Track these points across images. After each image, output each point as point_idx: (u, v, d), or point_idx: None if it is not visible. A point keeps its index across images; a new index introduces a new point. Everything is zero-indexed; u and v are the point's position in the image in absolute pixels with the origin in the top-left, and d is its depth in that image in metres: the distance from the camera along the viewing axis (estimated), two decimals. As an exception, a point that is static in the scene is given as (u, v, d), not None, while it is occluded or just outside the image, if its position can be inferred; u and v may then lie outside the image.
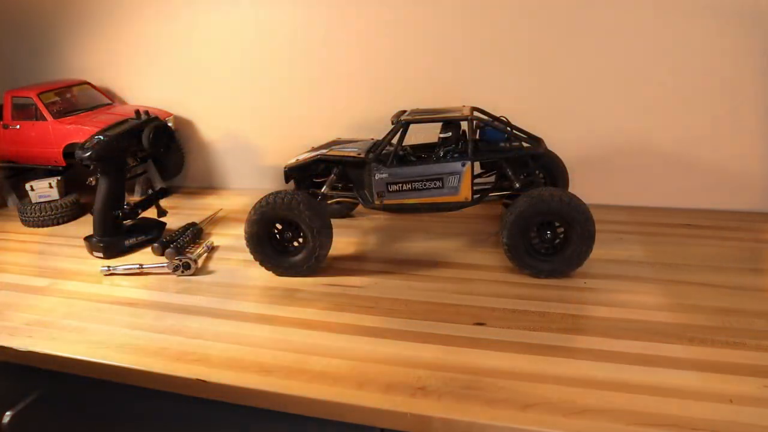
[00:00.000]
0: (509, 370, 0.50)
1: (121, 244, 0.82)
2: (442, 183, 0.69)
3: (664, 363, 0.50)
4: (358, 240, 0.84)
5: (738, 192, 0.87)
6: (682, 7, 0.80)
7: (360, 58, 0.98)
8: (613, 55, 0.85)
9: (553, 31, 0.87)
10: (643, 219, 0.85)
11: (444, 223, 0.88)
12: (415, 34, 0.93)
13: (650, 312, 0.59)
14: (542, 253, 0.68)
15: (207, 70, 1.07)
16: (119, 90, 1.16)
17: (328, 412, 0.48)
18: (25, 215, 0.96)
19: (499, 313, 0.61)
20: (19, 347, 0.59)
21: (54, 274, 0.77)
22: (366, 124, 1.01)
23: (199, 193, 1.13)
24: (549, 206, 0.63)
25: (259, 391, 0.50)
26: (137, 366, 0.54)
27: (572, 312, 0.60)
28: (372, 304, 0.64)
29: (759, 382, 0.47)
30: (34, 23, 1.15)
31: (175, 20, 1.05)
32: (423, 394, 0.48)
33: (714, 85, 0.83)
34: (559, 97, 0.90)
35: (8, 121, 1.01)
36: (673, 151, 0.88)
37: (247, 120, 1.08)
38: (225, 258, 0.80)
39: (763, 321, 0.56)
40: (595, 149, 0.91)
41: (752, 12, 0.78)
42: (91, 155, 0.78)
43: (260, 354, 0.55)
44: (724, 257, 0.71)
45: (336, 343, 0.57)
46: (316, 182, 0.82)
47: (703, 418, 0.43)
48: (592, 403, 0.45)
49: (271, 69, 1.03)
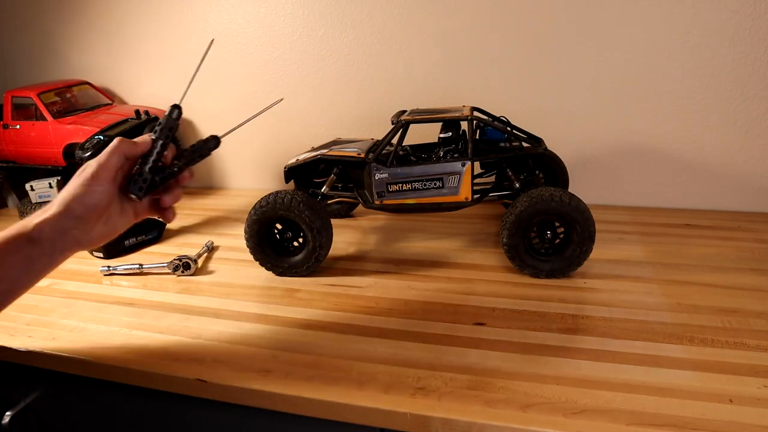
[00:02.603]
0: (509, 370, 0.50)
1: (121, 244, 0.82)
2: (442, 183, 0.69)
3: (664, 363, 0.50)
4: (358, 240, 0.84)
5: (738, 192, 0.87)
6: (682, 7, 0.80)
7: (360, 58, 0.98)
8: (613, 55, 0.85)
9: (554, 31, 0.87)
10: (643, 219, 0.85)
11: (444, 223, 0.88)
12: (415, 34, 0.93)
13: (650, 312, 0.59)
14: (542, 253, 0.68)
15: (207, 70, 1.07)
16: (119, 90, 1.16)
17: (328, 412, 0.48)
18: (25, 215, 0.96)
19: (499, 313, 0.61)
20: (19, 347, 0.59)
21: (54, 274, 0.76)
22: (366, 124, 1.01)
23: (199, 193, 1.13)
24: (549, 206, 0.63)
25: (259, 391, 0.50)
26: (137, 366, 0.54)
27: (572, 312, 0.60)
28: (372, 304, 0.64)
29: (759, 382, 0.47)
30: (35, 23, 1.15)
31: (175, 20, 1.05)
32: (423, 394, 0.48)
33: (714, 85, 0.83)
34: (559, 97, 0.90)
35: (8, 121, 1.01)
36: (673, 151, 0.88)
37: (247, 120, 1.08)
38: (225, 258, 0.80)
39: (763, 321, 0.56)
40: (595, 149, 0.91)
41: (752, 13, 0.78)
42: (91, 155, 0.78)
43: (260, 354, 0.55)
44: (724, 257, 0.71)
45: (336, 343, 0.57)
46: (316, 182, 0.82)
47: (703, 418, 0.43)
48: (592, 403, 0.45)
49: (272, 69, 1.03)
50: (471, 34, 0.91)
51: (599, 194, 0.93)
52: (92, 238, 0.52)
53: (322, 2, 0.96)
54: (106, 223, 0.53)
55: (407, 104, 0.95)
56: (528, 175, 0.79)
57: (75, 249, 0.52)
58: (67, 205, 0.50)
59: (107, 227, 0.53)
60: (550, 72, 0.89)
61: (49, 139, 0.98)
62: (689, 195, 0.89)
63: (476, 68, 0.92)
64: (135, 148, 0.52)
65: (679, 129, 0.87)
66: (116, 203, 0.53)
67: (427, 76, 0.95)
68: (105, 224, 0.53)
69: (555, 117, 0.91)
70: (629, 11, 0.83)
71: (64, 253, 0.52)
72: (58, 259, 0.52)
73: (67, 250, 0.52)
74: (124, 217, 0.54)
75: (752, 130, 0.84)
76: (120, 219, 0.54)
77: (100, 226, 0.52)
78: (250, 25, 1.01)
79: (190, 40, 1.06)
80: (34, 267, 0.51)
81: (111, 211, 0.53)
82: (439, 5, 0.90)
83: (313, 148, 0.82)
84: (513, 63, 0.90)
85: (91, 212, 0.51)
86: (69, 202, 0.50)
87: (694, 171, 0.88)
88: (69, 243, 0.51)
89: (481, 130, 0.76)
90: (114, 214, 0.53)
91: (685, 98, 0.85)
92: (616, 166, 0.91)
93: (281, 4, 0.98)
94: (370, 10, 0.94)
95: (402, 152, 0.75)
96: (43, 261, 0.51)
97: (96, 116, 1.01)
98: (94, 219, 0.51)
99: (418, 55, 0.94)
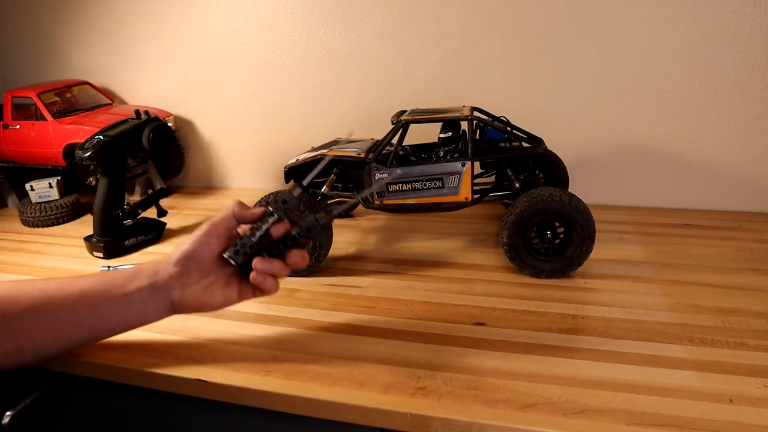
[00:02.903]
0: (509, 370, 0.50)
1: (121, 244, 0.82)
2: (442, 183, 0.69)
3: (664, 363, 0.50)
4: (358, 240, 0.84)
5: (738, 192, 0.87)
6: (682, 7, 0.80)
7: (360, 58, 0.98)
8: (613, 55, 0.85)
9: (554, 31, 0.87)
10: (643, 219, 0.85)
11: (444, 223, 0.88)
12: (415, 34, 0.93)
13: (650, 312, 0.59)
14: (542, 253, 0.68)
15: (207, 70, 1.07)
16: (119, 90, 1.16)
17: (328, 412, 0.48)
18: (25, 215, 0.96)
19: (499, 313, 0.61)
20: (19, 347, 0.59)
21: (54, 274, 0.77)
22: (366, 123, 1.01)
23: (199, 193, 1.13)
24: (549, 206, 0.63)
25: (259, 391, 0.50)
26: (137, 366, 0.54)
27: (572, 312, 0.60)
28: (372, 304, 0.64)
29: (759, 382, 0.47)
30: (35, 23, 1.15)
31: (175, 20, 1.05)
32: (423, 394, 0.48)
33: (714, 85, 0.83)
34: (559, 97, 0.90)
35: (8, 121, 1.01)
36: (673, 151, 0.88)
37: (247, 120, 1.09)
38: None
39: (763, 321, 0.56)
40: (595, 149, 0.91)
41: (752, 13, 0.78)
42: (91, 155, 0.78)
43: (260, 354, 0.55)
44: (724, 257, 0.71)
45: (336, 343, 0.57)
46: (316, 182, 0.82)
47: (703, 418, 0.43)
48: (591, 403, 0.45)
49: (272, 69, 1.03)
50: (471, 34, 0.91)
51: (599, 194, 0.93)
52: (186, 296, 0.52)
53: (322, 2, 0.96)
54: (205, 289, 0.52)
55: (407, 104, 0.95)
56: (528, 175, 0.79)
57: (167, 301, 0.53)
58: (174, 254, 0.52)
59: (204, 294, 0.52)
60: (550, 72, 0.89)
61: (49, 139, 0.98)
62: (689, 195, 0.89)
63: (476, 68, 0.92)
64: (246, 212, 0.52)
65: (679, 129, 0.87)
66: (220, 271, 0.53)
67: (427, 76, 0.95)
68: (203, 290, 0.52)
69: (555, 117, 0.91)
70: (629, 11, 0.83)
71: (158, 304, 0.52)
72: (150, 313, 0.53)
73: (161, 301, 0.52)
74: (226, 290, 0.53)
75: (752, 130, 0.84)
76: (221, 291, 0.53)
77: (198, 288, 0.52)
78: (250, 25, 1.01)
79: (190, 40, 1.06)
80: (126, 313, 0.52)
81: (214, 279, 0.53)
82: (439, 5, 0.90)
83: (313, 148, 0.82)
84: (513, 63, 0.90)
85: (194, 264, 0.51)
86: (176, 252, 0.52)
87: (694, 171, 0.88)
88: (165, 294, 0.52)
89: (481, 130, 0.76)
90: (218, 285, 0.53)
91: (685, 98, 0.85)
92: (616, 166, 0.91)
93: (281, 4, 0.98)
94: (370, 10, 0.94)
95: (402, 152, 0.75)
96: (137, 308, 0.52)
97: (96, 116, 1.01)
98: (196, 274, 0.52)
99: (418, 55, 0.94)
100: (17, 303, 0.50)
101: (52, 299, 0.51)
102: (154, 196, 0.90)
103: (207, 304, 0.53)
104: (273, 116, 1.07)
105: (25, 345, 0.50)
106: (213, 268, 0.52)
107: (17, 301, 0.50)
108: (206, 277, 0.52)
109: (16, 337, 0.49)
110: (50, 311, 0.50)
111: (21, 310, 0.49)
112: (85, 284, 0.52)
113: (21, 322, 0.49)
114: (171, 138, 0.86)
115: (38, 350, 0.51)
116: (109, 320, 0.52)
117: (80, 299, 0.51)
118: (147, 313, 0.53)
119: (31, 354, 0.51)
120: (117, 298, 0.52)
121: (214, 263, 0.52)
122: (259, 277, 0.51)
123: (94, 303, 0.51)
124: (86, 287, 0.52)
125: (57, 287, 0.52)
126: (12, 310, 0.49)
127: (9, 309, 0.49)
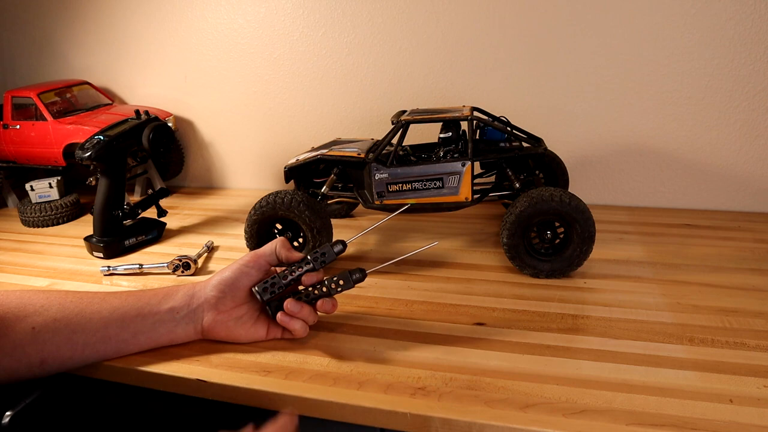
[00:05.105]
0: (509, 370, 0.50)
1: (121, 244, 0.82)
2: (442, 183, 0.69)
3: (664, 363, 0.50)
4: (358, 240, 0.84)
5: (738, 192, 0.87)
6: (682, 7, 0.80)
7: (360, 58, 0.98)
8: (613, 55, 0.85)
9: (554, 31, 0.87)
10: (643, 219, 0.85)
11: (444, 223, 0.88)
12: (416, 34, 0.93)
13: (650, 312, 0.59)
14: (542, 253, 0.68)
15: (207, 70, 1.07)
16: (119, 90, 1.16)
17: (328, 412, 0.48)
18: (25, 215, 0.96)
19: (499, 313, 0.61)
20: (19, 347, 0.59)
21: (54, 274, 0.77)
22: (366, 124, 1.01)
23: (199, 193, 1.13)
24: (549, 206, 0.63)
25: (259, 391, 0.50)
26: (137, 366, 0.54)
27: (572, 312, 0.60)
28: (372, 304, 0.64)
29: (759, 382, 0.47)
30: (35, 23, 1.15)
31: (175, 20, 1.05)
32: (423, 394, 0.48)
33: (714, 85, 0.83)
34: (559, 97, 0.90)
35: (8, 121, 1.01)
36: (673, 151, 0.88)
37: (247, 120, 1.09)
38: (225, 258, 0.80)
39: (763, 321, 0.56)
40: (595, 149, 0.91)
41: (752, 13, 0.78)
42: (91, 155, 0.78)
43: (260, 354, 0.55)
44: (724, 257, 0.71)
45: (336, 343, 0.57)
46: (316, 182, 0.82)
47: (703, 418, 0.43)
48: (592, 403, 0.45)
49: (272, 69, 1.03)
50: (471, 34, 0.91)
51: (599, 194, 0.93)
52: (216, 323, 0.53)
53: (322, 2, 0.96)
54: (237, 320, 0.54)
55: (407, 104, 0.96)
56: (528, 175, 0.79)
57: (198, 324, 0.53)
58: (214, 279, 0.53)
59: (235, 324, 0.54)
60: (550, 72, 0.89)
61: (49, 139, 0.98)
62: (689, 195, 0.89)
63: (476, 68, 0.92)
64: (288, 254, 0.54)
65: (679, 129, 0.87)
66: (253, 305, 0.55)
67: (427, 76, 0.95)
68: (235, 320, 0.54)
69: (555, 117, 0.91)
70: (629, 11, 0.83)
71: (188, 326, 0.53)
72: (179, 334, 0.54)
73: (191, 323, 0.53)
74: (256, 326, 0.55)
75: (752, 130, 0.84)
76: (251, 325, 0.54)
77: (230, 317, 0.53)
78: (250, 25, 1.01)
79: (190, 41, 1.06)
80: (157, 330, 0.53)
81: (246, 311, 0.54)
82: (439, 5, 0.90)
83: (313, 148, 0.82)
84: (513, 63, 0.90)
85: (230, 291, 0.52)
86: (216, 278, 0.53)
87: (694, 171, 0.88)
88: (197, 317, 0.53)
89: (481, 130, 0.76)
90: (249, 318, 0.54)
91: (685, 98, 0.85)
92: (616, 166, 0.91)
93: (281, 4, 0.98)
94: (370, 11, 0.94)
95: (402, 152, 0.75)
96: (167, 327, 0.53)
97: (96, 116, 1.01)
98: (230, 302, 0.53)
99: (418, 55, 0.94)
100: (47, 314, 0.49)
101: (84, 313, 0.50)
102: (154, 196, 0.90)
103: (235, 335, 0.54)
104: (273, 116, 1.07)
105: (51, 357, 0.49)
106: (246, 300, 0.54)
107: (47, 312, 0.49)
108: (239, 307, 0.54)
109: (42, 349, 0.49)
110: (80, 325, 0.50)
111: (51, 321, 0.49)
112: (118, 302, 0.52)
113: (50, 334, 0.49)
114: (171, 138, 0.86)
115: (63, 363, 0.51)
116: (138, 337, 0.52)
117: (112, 315, 0.51)
118: (176, 334, 0.53)
119: (55, 366, 0.51)
120: (149, 315, 0.52)
121: (249, 295, 0.54)
122: (285, 318, 0.53)
123: (125, 320, 0.52)
124: (119, 305, 0.52)
125: (90, 301, 0.52)
126: (41, 322, 0.49)
127: (38, 320, 0.49)
